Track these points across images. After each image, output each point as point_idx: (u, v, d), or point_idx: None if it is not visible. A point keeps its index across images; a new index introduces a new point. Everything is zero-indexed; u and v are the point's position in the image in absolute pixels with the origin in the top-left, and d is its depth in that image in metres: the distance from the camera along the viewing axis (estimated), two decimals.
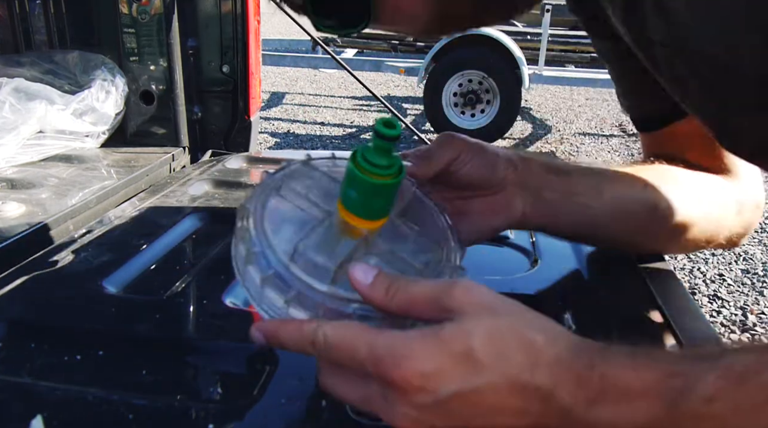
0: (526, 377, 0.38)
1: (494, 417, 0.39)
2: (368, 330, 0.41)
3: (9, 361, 0.59)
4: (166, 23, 1.33)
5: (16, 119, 1.20)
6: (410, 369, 0.38)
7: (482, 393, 0.39)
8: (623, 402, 0.37)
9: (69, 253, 0.83)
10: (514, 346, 0.39)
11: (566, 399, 0.38)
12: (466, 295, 0.41)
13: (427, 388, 0.38)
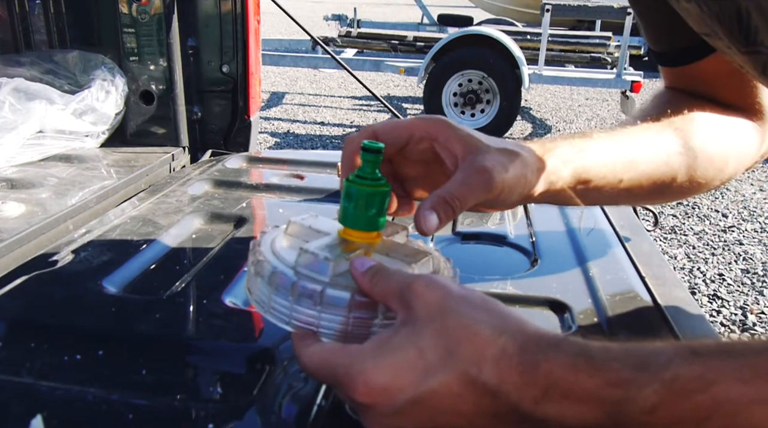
0: (474, 372, 0.39)
1: (454, 414, 0.41)
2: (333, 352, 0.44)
3: (9, 361, 0.59)
4: (166, 23, 1.33)
5: (16, 119, 1.20)
6: (365, 388, 0.41)
7: (437, 393, 0.40)
8: (566, 403, 0.38)
9: (69, 253, 0.83)
10: (461, 341, 0.40)
11: (513, 394, 0.39)
12: (424, 291, 0.43)
13: (384, 401, 0.41)
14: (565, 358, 0.38)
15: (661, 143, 0.64)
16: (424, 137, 0.55)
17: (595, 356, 0.38)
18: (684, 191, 0.67)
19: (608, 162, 0.61)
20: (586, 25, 6.99)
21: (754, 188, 3.92)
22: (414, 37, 5.57)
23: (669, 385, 0.36)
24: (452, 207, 0.51)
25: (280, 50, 6.21)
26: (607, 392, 0.37)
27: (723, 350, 0.37)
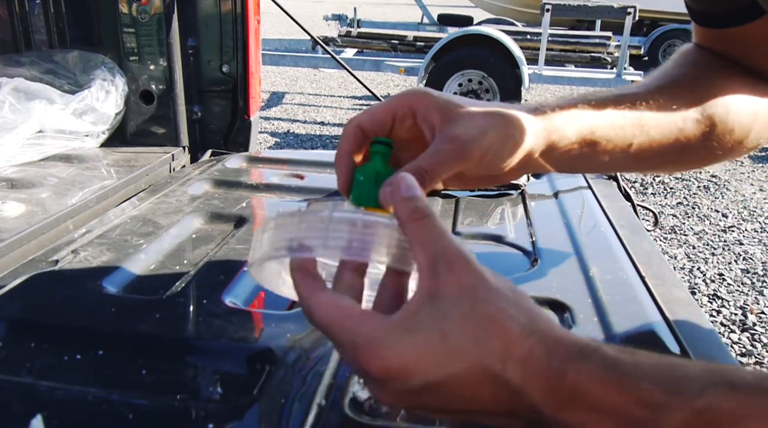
0: (498, 368, 0.38)
1: (469, 402, 0.40)
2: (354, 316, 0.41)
3: (9, 361, 0.59)
4: (166, 23, 1.33)
5: (16, 119, 1.20)
6: (382, 365, 0.38)
7: (457, 380, 0.39)
8: (592, 414, 0.37)
9: (69, 253, 0.83)
10: (490, 333, 0.39)
11: (536, 397, 0.38)
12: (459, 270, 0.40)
13: (400, 380, 0.39)
14: (595, 371, 0.37)
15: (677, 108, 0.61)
16: (406, 113, 0.54)
17: (627, 372, 0.37)
18: (700, 159, 0.65)
19: (616, 124, 0.58)
20: (586, 25, 6.99)
21: (754, 188, 3.92)
22: (414, 36, 5.58)
23: (699, 414, 0.35)
24: (421, 180, 0.49)
25: (280, 50, 6.21)
26: (634, 411, 0.36)
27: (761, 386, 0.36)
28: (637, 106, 0.60)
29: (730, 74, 0.63)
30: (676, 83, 0.63)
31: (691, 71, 0.64)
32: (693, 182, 3.97)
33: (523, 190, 1.11)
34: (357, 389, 0.55)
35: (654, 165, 0.66)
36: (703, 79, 0.63)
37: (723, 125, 0.61)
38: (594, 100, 0.59)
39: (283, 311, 0.69)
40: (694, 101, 0.61)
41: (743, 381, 0.36)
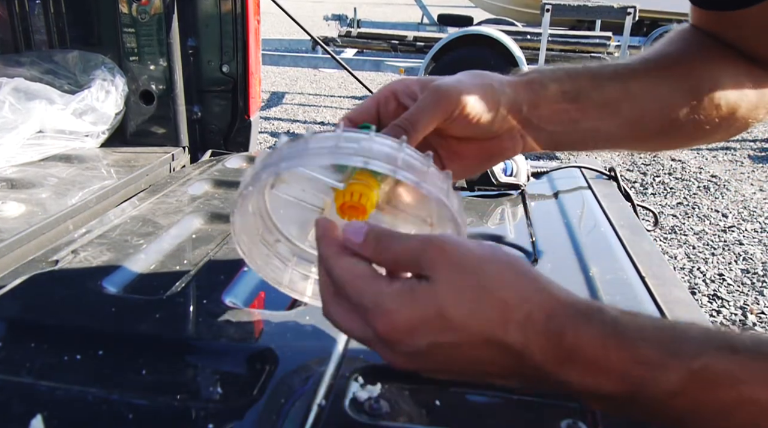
0: (500, 334, 0.40)
1: (474, 365, 0.42)
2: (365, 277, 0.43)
3: (9, 361, 0.59)
4: (166, 23, 1.33)
5: (16, 119, 1.20)
6: (389, 324, 0.41)
7: (459, 347, 0.41)
8: (590, 371, 0.38)
9: (69, 253, 0.83)
10: (485, 305, 0.40)
11: (538, 356, 0.39)
12: (439, 254, 0.42)
13: (405, 341, 0.41)
14: (594, 332, 0.38)
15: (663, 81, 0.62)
16: (388, 97, 0.57)
17: (626, 332, 0.38)
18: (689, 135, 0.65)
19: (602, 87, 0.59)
20: (586, 25, 6.99)
21: (754, 188, 3.92)
22: (414, 37, 5.58)
23: (696, 374, 0.36)
24: (403, 128, 0.52)
25: (280, 50, 6.22)
26: (632, 369, 0.37)
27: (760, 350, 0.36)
28: (623, 74, 0.61)
29: (721, 54, 0.64)
30: (666, 58, 0.64)
31: (683, 48, 0.65)
32: (693, 182, 3.97)
33: (523, 190, 1.11)
34: (357, 389, 0.55)
35: (645, 138, 0.66)
36: (694, 56, 0.64)
37: (709, 100, 0.62)
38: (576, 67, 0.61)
39: (283, 311, 0.70)
40: (683, 76, 0.62)
41: (743, 344, 0.37)
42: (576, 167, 1.23)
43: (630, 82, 0.61)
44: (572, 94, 0.58)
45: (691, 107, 0.62)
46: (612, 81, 0.60)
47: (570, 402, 0.54)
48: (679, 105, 0.62)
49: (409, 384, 0.56)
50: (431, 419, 0.52)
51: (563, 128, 0.60)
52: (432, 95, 0.54)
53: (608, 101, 0.60)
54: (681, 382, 0.36)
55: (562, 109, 0.59)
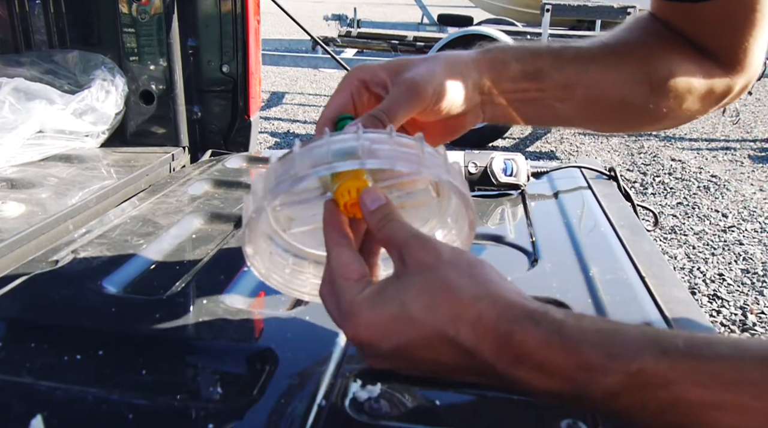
0: (452, 332, 0.43)
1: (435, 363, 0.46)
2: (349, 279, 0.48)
3: (9, 361, 0.59)
4: (166, 23, 1.33)
5: (16, 119, 1.20)
6: (356, 331, 0.46)
7: (418, 346, 0.44)
8: (537, 374, 0.41)
9: (69, 253, 0.83)
10: (441, 300, 0.43)
11: (488, 356, 0.42)
12: (418, 252, 0.46)
13: (372, 345, 0.46)
14: (540, 334, 0.41)
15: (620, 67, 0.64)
16: (359, 87, 0.59)
17: (570, 336, 0.41)
18: (640, 119, 0.69)
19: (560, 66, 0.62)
20: (586, 25, 6.98)
21: (754, 188, 3.92)
22: (414, 37, 5.58)
23: (633, 377, 0.38)
24: (380, 119, 0.54)
25: (280, 50, 6.22)
26: (575, 373, 0.40)
27: (690, 352, 0.39)
28: (583, 57, 0.64)
29: (675, 45, 0.66)
30: (624, 45, 0.66)
31: (640, 36, 0.67)
32: (693, 182, 3.97)
33: (523, 190, 1.11)
34: (357, 389, 0.55)
35: (599, 119, 0.69)
36: (650, 45, 0.66)
37: (660, 89, 0.64)
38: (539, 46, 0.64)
39: (283, 311, 0.70)
40: (638, 64, 0.65)
41: (675, 348, 0.39)
42: (576, 167, 1.23)
43: (589, 65, 0.63)
44: (533, 74, 0.61)
45: (643, 94, 0.65)
46: (572, 63, 0.63)
47: None
48: (632, 92, 0.65)
49: (409, 384, 0.56)
50: (431, 419, 0.52)
51: (521, 105, 0.63)
52: (409, 90, 0.55)
53: (567, 83, 0.63)
54: (619, 384, 0.39)
55: (522, 87, 0.61)
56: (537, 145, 4.91)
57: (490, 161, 1.10)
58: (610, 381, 0.39)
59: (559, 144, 4.92)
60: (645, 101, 0.65)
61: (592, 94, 0.64)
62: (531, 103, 0.62)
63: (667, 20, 0.68)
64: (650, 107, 0.65)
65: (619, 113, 0.67)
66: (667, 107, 0.66)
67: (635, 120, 0.69)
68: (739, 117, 5.44)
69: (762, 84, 6.63)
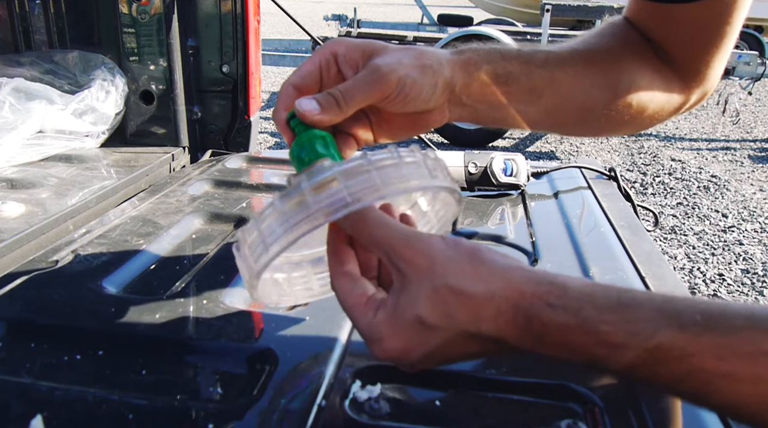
0: (474, 329, 0.44)
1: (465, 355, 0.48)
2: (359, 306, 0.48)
3: (9, 361, 0.59)
4: (166, 23, 1.33)
5: (16, 119, 1.20)
6: (383, 352, 0.47)
7: (446, 347, 0.46)
8: (559, 349, 0.43)
9: (69, 253, 0.83)
10: (455, 306, 0.44)
11: (512, 341, 0.44)
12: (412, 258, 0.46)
13: (401, 360, 0.47)
14: (557, 319, 0.42)
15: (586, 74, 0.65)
16: (329, 59, 0.59)
17: (588, 317, 0.42)
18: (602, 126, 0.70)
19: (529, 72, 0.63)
20: (586, 25, 6.99)
21: (754, 188, 3.92)
22: (414, 37, 5.57)
23: (652, 352, 0.40)
24: (335, 99, 0.54)
25: (280, 50, 6.22)
26: (594, 350, 0.42)
27: (707, 325, 0.40)
28: (552, 63, 0.65)
29: (641, 54, 0.68)
30: (591, 52, 0.67)
31: (610, 44, 0.69)
32: (693, 182, 3.97)
33: (523, 190, 1.11)
34: (357, 389, 0.55)
35: (563, 124, 0.71)
36: (616, 53, 0.68)
37: (623, 98, 0.66)
38: (510, 50, 0.64)
39: (283, 311, 0.70)
40: (604, 72, 0.66)
41: (691, 321, 0.40)
42: (576, 167, 1.23)
43: (556, 71, 0.64)
44: (503, 77, 0.62)
45: (606, 101, 0.66)
46: (541, 69, 0.64)
47: (570, 403, 0.54)
48: (596, 99, 0.66)
49: (409, 384, 0.56)
50: (431, 419, 0.52)
51: (488, 107, 0.63)
52: (371, 75, 0.55)
53: (534, 87, 0.64)
54: (638, 359, 0.41)
55: (491, 91, 0.62)
56: (537, 145, 4.91)
57: (490, 161, 1.10)
58: (629, 356, 0.41)
59: (559, 144, 4.92)
60: (608, 108, 0.67)
61: (557, 99, 0.65)
62: (498, 106, 0.63)
63: (640, 23, 0.70)
64: (613, 114, 0.67)
65: (582, 118, 0.68)
66: (629, 114, 0.67)
67: (598, 126, 0.70)
68: (739, 117, 5.44)
69: (762, 84, 6.63)
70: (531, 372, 0.57)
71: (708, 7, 0.62)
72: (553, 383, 0.56)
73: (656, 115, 0.70)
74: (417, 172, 0.48)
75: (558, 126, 0.74)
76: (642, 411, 0.52)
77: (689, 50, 0.67)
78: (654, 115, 0.70)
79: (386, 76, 0.55)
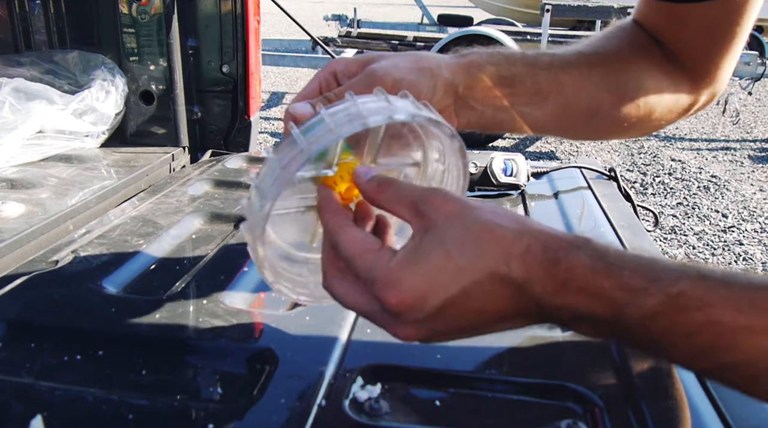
0: (504, 270, 0.43)
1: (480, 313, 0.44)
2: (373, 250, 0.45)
3: (9, 361, 0.59)
4: (166, 23, 1.33)
5: (16, 119, 1.20)
6: (400, 295, 0.43)
7: (468, 293, 0.43)
8: (580, 296, 0.42)
9: (69, 253, 0.83)
10: (487, 243, 0.43)
11: (537, 287, 0.43)
12: (441, 204, 0.45)
13: (417, 307, 0.43)
14: (585, 259, 0.42)
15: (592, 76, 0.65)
16: (329, 77, 0.59)
17: (613, 261, 0.42)
18: (608, 128, 0.70)
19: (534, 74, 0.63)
20: (586, 25, 6.99)
21: (754, 188, 3.92)
22: (414, 37, 5.58)
23: (673, 299, 0.40)
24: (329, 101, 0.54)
25: (280, 50, 6.21)
26: (617, 294, 0.41)
27: (727, 280, 0.41)
28: (557, 65, 0.64)
29: (649, 56, 0.68)
30: (597, 55, 0.67)
31: (617, 46, 0.69)
32: (693, 182, 3.97)
33: (523, 190, 1.11)
34: (357, 389, 0.55)
35: (570, 128, 0.71)
36: (623, 55, 0.68)
37: (630, 99, 0.66)
38: (514, 53, 0.64)
39: (283, 311, 0.70)
40: (610, 74, 0.66)
41: (713, 275, 0.41)
42: (576, 167, 1.23)
43: (561, 74, 0.64)
44: (508, 79, 0.62)
45: (613, 103, 0.66)
46: (546, 71, 0.64)
47: (570, 403, 0.54)
48: (602, 101, 0.66)
49: (409, 384, 0.56)
50: (431, 419, 0.52)
51: (494, 110, 0.63)
52: (366, 78, 0.56)
53: (539, 90, 0.64)
54: (659, 305, 0.40)
55: (495, 93, 0.62)
56: (537, 145, 4.91)
57: (490, 161, 1.10)
58: (651, 303, 0.41)
59: (559, 144, 4.92)
60: (614, 111, 0.67)
61: (562, 102, 0.65)
62: (502, 108, 0.63)
63: (649, 24, 0.70)
64: (620, 116, 0.67)
65: (589, 121, 0.68)
66: (636, 116, 0.67)
67: (605, 129, 0.70)
68: (739, 117, 5.44)
69: (762, 84, 6.63)
70: (531, 372, 0.57)
71: (717, 7, 0.62)
72: (553, 383, 0.56)
73: (665, 117, 0.70)
74: (404, 104, 0.48)
75: (565, 130, 0.73)
76: (642, 411, 0.52)
77: (698, 51, 0.67)
78: (662, 117, 0.69)
79: (381, 78, 0.55)
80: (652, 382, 0.57)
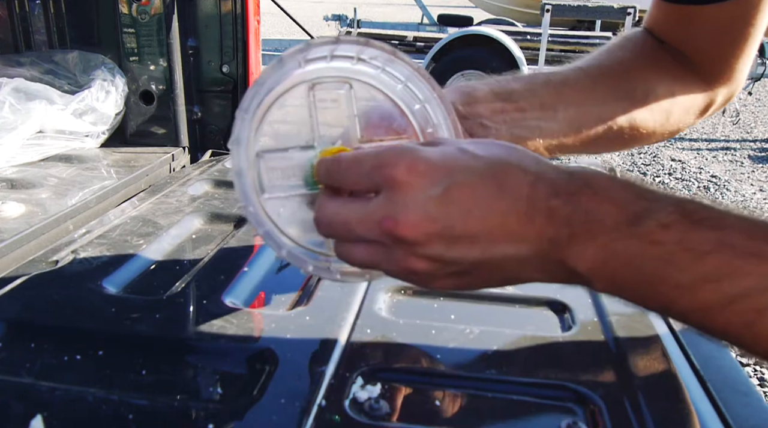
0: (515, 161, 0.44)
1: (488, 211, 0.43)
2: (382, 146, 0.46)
3: (9, 361, 0.59)
4: (166, 23, 1.33)
5: (16, 119, 1.20)
6: (412, 163, 0.42)
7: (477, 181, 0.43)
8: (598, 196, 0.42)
9: (69, 253, 0.83)
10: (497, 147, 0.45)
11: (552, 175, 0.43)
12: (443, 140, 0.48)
13: (427, 179, 0.42)
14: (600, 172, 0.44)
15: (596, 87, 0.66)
16: None
17: (629, 178, 0.44)
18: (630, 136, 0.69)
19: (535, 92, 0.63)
20: (586, 25, 6.99)
21: (754, 188, 3.92)
22: (414, 37, 5.58)
23: (687, 213, 0.41)
24: None
25: (280, 50, 6.21)
26: (633, 201, 0.42)
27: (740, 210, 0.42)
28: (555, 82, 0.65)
29: (658, 62, 0.68)
30: (599, 68, 0.68)
31: (618, 56, 0.69)
32: (693, 182, 3.97)
33: None
34: (357, 389, 0.55)
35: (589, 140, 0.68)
36: (627, 64, 0.68)
37: (642, 106, 0.66)
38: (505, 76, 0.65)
39: (283, 311, 0.70)
40: (615, 83, 0.66)
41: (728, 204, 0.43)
42: None
43: (562, 88, 0.65)
44: (504, 94, 0.62)
45: (625, 110, 0.66)
46: (543, 87, 0.64)
47: (570, 403, 0.54)
48: (614, 109, 0.66)
49: (409, 384, 0.56)
50: (431, 419, 0.52)
51: (508, 127, 0.62)
52: None
53: (544, 103, 0.63)
54: (673, 216, 0.41)
55: (499, 108, 0.62)
56: None
57: None
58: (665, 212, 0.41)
59: None
60: (629, 118, 0.66)
61: (573, 113, 0.65)
62: (514, 122, 0.62)
63: (660, 29, 0.69)
64: (635, 123, 0.67)
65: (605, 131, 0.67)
66: (653, 121, 0.67)
67: (625, 137, 0.69)
68: (739, 117, 5.44)
69: (762, 84, 6.63)
70: (531, 372, 0.57)
71: (730, 7, 0.62)
72: (553, 383, 0.56)
73: (683, 119, 0.70)
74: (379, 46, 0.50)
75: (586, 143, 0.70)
76: (642, 411, 0.52)
77: (711, 52, 0.67)
78: (680, 119, 0.69)
79: None
80: (652, 382, 0.57)
